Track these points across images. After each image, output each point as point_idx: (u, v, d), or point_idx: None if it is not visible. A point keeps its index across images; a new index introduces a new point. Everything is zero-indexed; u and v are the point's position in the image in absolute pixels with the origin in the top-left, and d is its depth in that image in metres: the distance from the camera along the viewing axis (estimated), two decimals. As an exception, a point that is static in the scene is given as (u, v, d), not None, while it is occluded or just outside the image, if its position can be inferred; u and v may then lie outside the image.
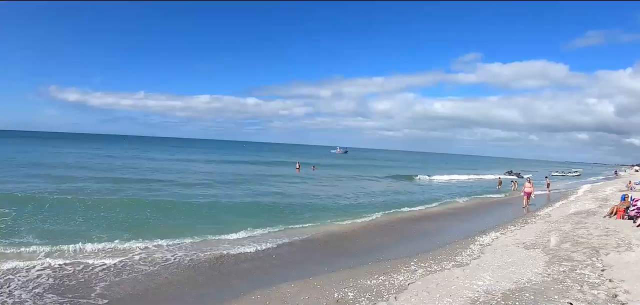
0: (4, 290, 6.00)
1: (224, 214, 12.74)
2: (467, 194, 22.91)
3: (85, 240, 8.44)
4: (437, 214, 15.30)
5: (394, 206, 16.02)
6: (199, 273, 7.21)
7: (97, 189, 16.57)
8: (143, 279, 6.80)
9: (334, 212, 13.92)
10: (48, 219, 10.47)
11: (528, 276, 6.25)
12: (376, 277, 6.43)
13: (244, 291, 6.15)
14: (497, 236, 9.81)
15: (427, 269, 6.83)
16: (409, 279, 6.29)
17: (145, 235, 9.21)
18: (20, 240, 8.45)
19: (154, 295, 6.12)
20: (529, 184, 17.94)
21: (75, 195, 14.03)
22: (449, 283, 6.07)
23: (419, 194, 22.27)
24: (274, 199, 16.81)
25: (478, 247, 8.60)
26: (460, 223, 13.41)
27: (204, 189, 18.79)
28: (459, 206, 18.03)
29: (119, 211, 12.02)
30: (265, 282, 6.55)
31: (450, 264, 7.12)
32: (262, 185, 21.85)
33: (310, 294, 5.89)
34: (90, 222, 10.54)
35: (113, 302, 5.80)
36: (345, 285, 6.10)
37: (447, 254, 8.04)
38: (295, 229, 10.95)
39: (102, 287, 6.37)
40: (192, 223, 11.10)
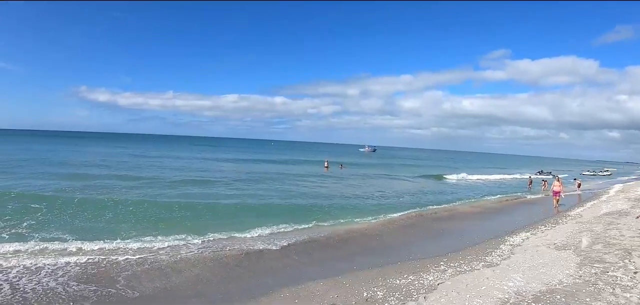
0: (34, 278, 6.97)
1: (251, 212, 14.00)
2: (496, 193, 24.40)
3: (113, 236, 9.63)
4: (465, 214, 16.28)
5: (422, 205, 17.41)
6: (225, 269, 7.93)
7: (124, 187, 18.49)
8: (170, 273, 7.55)
9: (361, 211, 15.13)
10: (76, 216, 11.93)
11: (559, 278, 6.76)
12: (405, 276, 7.01)
13: (272, 288, 6.78)
14: (528, 236, 10.39)
15: (457, 269, 7.40)
16: (439, 278, 6.86)
17: (172, 231, 10.33)
18: (49, 234, 9.64)
19: (182, 291, 6.77)
20: (557, 183, 18.83)
21: (102, 193, 15.88)
22: (478, 283, 6.61)
23: (447, 193, 23.60)
24: (302, 197, 18.37)
25: (508, 247, 9.18)
26: (490, 223, 14.28)
27: (230, 187, 20.57)
28: (488, 206, 19.07)
29: (146, 209, 13.39)
30: (293, 280, 7.20)
31: (480, 264, 7.69)
32: (290, 184, 23.76)
33: (339, 292, 6.47)
34: (118, 219, 11.88)
35: (140, 297, 6.45)
36: (374, 284, 6.68)
37: (476, 253, 8.65)
38: (323, 227, 12.04)
39: (126, 279, 7.13)
40: (219, 220, 12.22)
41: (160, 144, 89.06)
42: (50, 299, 6.36)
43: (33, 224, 10.65)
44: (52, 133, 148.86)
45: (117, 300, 6.42)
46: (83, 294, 6.57)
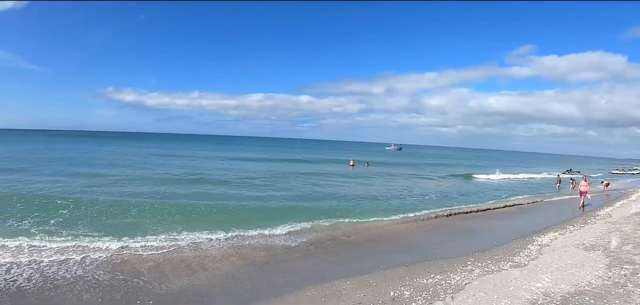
0: (63, 267, 8.26)
1: (277, 210, 15.28)
2: (523, 192, 26.08)
3: (138, 232, 10.91)
4: (493, 213, 17.43)
5: (449, 204, 18.85)
6: (251, 266, 8.67)
7: (149, 185, 20.67)
8: (196, 269, 8.36)
9: (388, 209, 16.35)
10: (102, 213, 13.44)
11: (588, 279, 7.35)
12: (432, 276, 7.64)
13: (298, 286, 7.45)
14: (556, 236, 11.01)
15: (484, 269, 8.03)
16: (466, 278, 7.48)
17: (197, 228, 11.52)
18: (76, 231, 10.99)
19: (208, 287, 7.50)
20: (584, 183, 19.64)
21: (127, 192, 17.75)
22: (506, 284, 7.22)
23: (474, 192, 25.36)
24: (328, 196, 20.02)
25: (536, 247, 9.82)
26: (517, 222, 15.16)
27: (255, 186, 22.55)
28: (515, 205, 20.11)
29: (171, 206, 14.83)
30: (319, 278, 7.90)
31: (507, 264, 8.32)
32: (316, 183, 25.81)
33: (366, 291, 7.12)
34: (143, 216, 13.25)
35: (168, 292, 7.16)
36: (401, 284, 7.32)
37: (504, 253, 9.32)
38: (349, 225, 13.06)
39: (152, 274, 7.96)
40: (244, 218, 13.40)
41: (186, 143, 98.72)
42: (80, 287, 7.28)
43: (60, 221, 12.12)
44: (80, 133, 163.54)
45: (145, 294, 7.11)
46: (112, 284, 7.38)
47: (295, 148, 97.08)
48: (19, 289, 7.27)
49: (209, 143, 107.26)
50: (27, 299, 6.91)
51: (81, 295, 7.11)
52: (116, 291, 7.25)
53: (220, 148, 76.69)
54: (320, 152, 79.41)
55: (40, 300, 6.88)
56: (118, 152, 49.12)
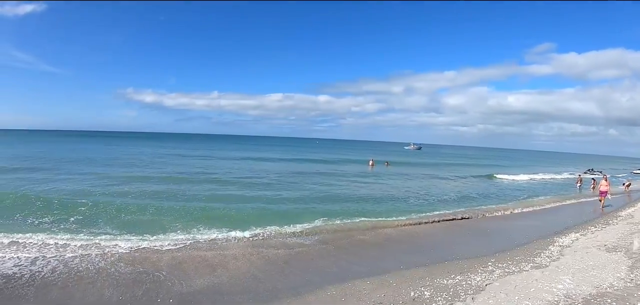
0: (86, 258, 9.34)
1: (296, 209, 16.23)
2: (544, 193, 27.32)
3: (157, 230, 11.88)
4: (513, 213, 18.15)
5: (469, 204, 19.93)
6: (271, 265, 9.24)
7: (168, 184, 22.21)
8: (216, 267, 8.96)
9: (407, 209, 17.55)
10: (122, 211, 14.55)
11: (610, 281, 7.79)
12: (453, 276, 8.12)
13: (318, 285, 7.95)
14: (577, 237, 11.46)
15: (505, 269, 8.50)
16: (487, 279, 7.94)
17: (217, 227, 12.44)
18: (96, 228, 12.09)
19: (228, 286, 8.03)
20: (604, 182, 20.11)
21: (147, 190, 19.24)
22: (527, 285, 7.67)
23: (494, 192, 26.46)
24: (347, 195, 21.16)
25: (557, 248, 10.30)
26: (538, 223, 15.86)
27: (274, 185, 23.95)
28: (536, 205, 20.92)
29: (189, 205, 16.06)
30: (339, 277, 8.42)
31: (528, 265, 8.79)
32: (335, 182, 27.24)
33: (386, 291, 7.59)
34: (162, 214, 14.38)
35: (188, 290, 7.70)
36: (421, 284, 7.80)
37: (525, 254, 9.83)
38: (369, 225, 13.81)
39: (172, 271, 8.50)
40: (263, 218, 14.26)
41: (206, 143, 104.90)
42: (102, 283, 7.94)
43: (80, 219, 13.27)
44: (100, 133, 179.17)
45: (166, 292, 7.64)
46: (133, 281, 8.00)
47: (314, 148, 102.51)
48: (44, 280, 7.87)
49: (228, 143, 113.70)
50: (52, 292, 7.44)
51: (103, 290, 7.68)
52: (137, 288, 7.80)
53: (239, 148, 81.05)
54: (339, 152, 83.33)
55: (63, 293, 7.41)
56: (137, 152, 52.66)
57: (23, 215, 13.49)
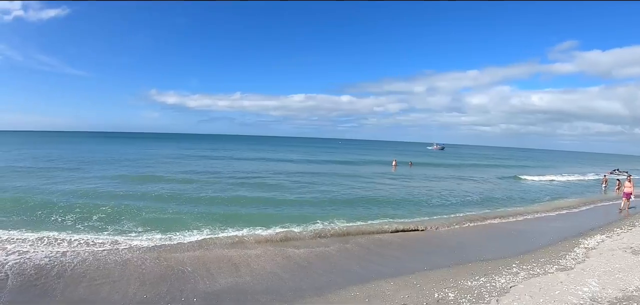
0: (113, 250, 10.64)
1: (319, 210, 17.22)
2: (568, 193, 28.62)
3: (180, 229, 12.82)
4: (538, 214, 18.78)
5: (493, 205, 21.04)
6: (294, 265, 9.85)
7: (189, 184, 23.84)
8: (239, 266, 9.61)
9: (431, 210, 18.46)
10: (145, 210, 15.78)
11: (636, 284, 8.23)
12: (477, 278, 8.61)
13: (342, 286, 8.50)
14: (603, 239, 11.92)
15: (530, 271, 8.99)
16: (511, 281, 8.42)
17: (240, 226, 13.36)
18: (120, 226, 13.27)
19: (252, 285, 8.62)
20: (629, 184, 20.59)
21: (168, 190, 20.89)
22: (552, 288, 8.13)
23: (517, 193, 27.56)
24: (370, 196, 22.16)
25: (582, 250, 10.76)
26: (563, 224, 16.49)
27: (297, 186, 25.23)
28: (561, 206, 21.62)
29: (213, 205, 17.32)
30: (362, 278, 8.98)
31: (553, 267, 9.26)
32: (358, 183, 28.59)
33: (410, 292, 8.10)
34: (185, 214, 15.35)
35: (212, 289, 8.27)
36: (445, 285, 8.29)
37: (549, 256, 10.33)
38: (392, 226, 14.44)
39: (196, 269, 9.16)
40: (286, 217, 15.23)
41: (228, 143, 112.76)
42: (126, 280, 8.64)
43: (104, 217, 14.49)
44: (124, 134, 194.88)
45: (190, 290, 8.22)
46: (157, 278, 8.59)
47: (337, 148, 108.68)
48: (71, 275, 8.54)
49: (250, 143, 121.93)
50: (79, 288, 8.05)
51: (128, 287, 8.33)
52: (162, 285, 8.42)
53: (262, 149, 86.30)
54: (361, 152, 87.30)
55: (90, 289, 8.01)
56: (160, 153, 56.97)
57: (51, 214, 14.67)
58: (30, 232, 11.94)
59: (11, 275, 8.81)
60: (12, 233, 11.75)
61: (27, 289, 8.23)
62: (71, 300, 7.88)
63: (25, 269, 9.11)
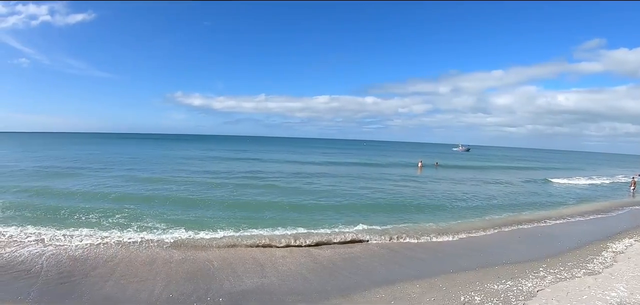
0: (140, 249, 11.65)
1: (344, 212, 18.13)
2: (596, 196, 29.51)
3: (205, 229, 13.59)
4: (565, 217, 19.32)
5: (518, 208, 21.59)
6: (319, 267, 10.46)
7: (215, 184, 25.53)
8: (266, 267, 10.25)
9: (457, 213, 19.48)
10: (172, 209, 17.28)
11: (665, 290, 8.63)
12: (503, 281, 9.12)
13: (367, 288, 9.07)
14: (631, 243, 12.41)
15: (557, 275, 9.49)
16: (538, 285, 8.93)
17: (265, 227, 14.07)
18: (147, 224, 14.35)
19: (278, 286, 9.20)
20: None
21: (194, 191, 22.31)
22: (580, 292, 8.62)
23: (544, 195, 28.47)
24: (395, 198, 23.35)
25: (610, 254, 11.25)
26: (590, 227, 17.00)
27: (323, 188, 26.50)
28: (588, 209, 22.11)
29: (238, 206, 18.26)
30: (388, 280, 9.55)
31: (580, 271, 9.76)
32: (383, 184, 29.95)
33: (436, 295, 8.63)
34: (210, 215, 16.29)
35: (239, 289, 8.88)
36: (471, 289, 8.81)
37: (577, 260, 10.84)
38: (417, 228, 15.20)
39: (220, 269, 9.91)
40: (311, 219, 16.07)
41: (253, 145, 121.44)
42: (153, 277, 9.16)
43: (130, 216, 15.58)
44: (151, 136, 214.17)
45: (216, 290, 8.81)
46: (183, 277, 9.15)
47: (362, 149, 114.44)
48: (99, 271, 9.15)
49: (275, 145, 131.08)
50: (106, 286, 8.67)
51: (154, 285, 8.98)
52: (188, 285, 9.06)
53: (287, 150, 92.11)
54: (386, 154, 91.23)
55: (117, 287, 8.62)
56: (186, 154, 60.75)
57: (80, 211, 15.97)
58: (64, 228, 13.18)
59: (46, 267, 9.91)
60: (46, 229, 13.03)
61: (57, 284, 8.93)
62: (99, 297, 8.51)
63: (58, 264, 10.15)
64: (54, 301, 8.29)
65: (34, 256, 10.73)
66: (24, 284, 8.99)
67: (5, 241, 11.99)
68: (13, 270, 9.75)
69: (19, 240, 12.04)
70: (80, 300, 8.38)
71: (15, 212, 15.57)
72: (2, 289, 8.76)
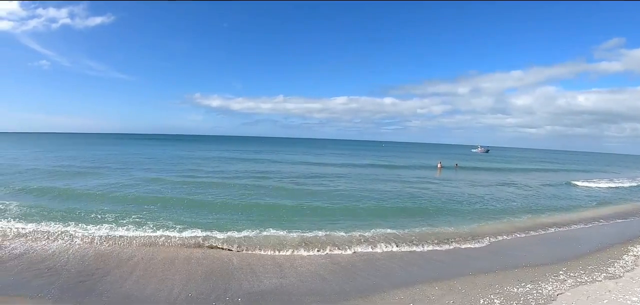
0: (160, 248, 12.42)
1: (362, 213, 18.89)
2: (617, 198, 29.84)
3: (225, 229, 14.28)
4: (584, 220, 19.79)
5: (539, 210, 22.19)
6: (339, 268, 10.93)
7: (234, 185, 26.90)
8: (284, 267, 10.76)
9: (476, 215, 19.82)
10: (188, 209, 18.23)
11: (687, 295, 8.96)
12: (523, 284, 9.51)
13: (386, 289, 9.49)
14: None
15: (577, 279, 9.87)
16: (558, 289, 9.30)
17: (282, 227, 14.80)
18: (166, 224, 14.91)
19: (297, 287, 9.69)
20: None
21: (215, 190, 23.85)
22: (600, 296, 8.99)
23: (564, 197, 29.19)
24: (414, 200, 23.96)
25: (632, 258, 11.63)
26: (612, 230, 17.49)
27: (342, 189, 27.48)
28: (609, 213, 22.50)
29: (257, 206, 19.35)
30: (406, 281, 10.01)
31: (601, 275, 10.14)
32: (402, 186, 30.87)
33: (454, 298, 9.03)
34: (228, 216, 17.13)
35: (258, 289, 9.34)
36: (490, 291, 9.20)
37: (597, 263, 11.23)
38: (436, 230, 15.85)
39: (239, 268, 10.48)
40: (330, 220, 16.80)
41: (272, 146, 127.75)
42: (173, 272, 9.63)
43: (150, 214, 16.49)
44: (170, 137, 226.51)
45: (235, 290, 9.29)
46: (202, 276, 9.63)
47: (381, 151, 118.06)
48: (119, 269, 9.66)
49: (293, 146, 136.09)
50: (126, 284, 9.16)
51: (174, 284, 9.47)
52: (206, 284, 9.60)
53: (305, 151, 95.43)
54: (405, 155, 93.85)
55: (138, 285, 9.10)
56: (204, 155, 63.31)
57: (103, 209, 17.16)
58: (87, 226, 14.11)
59: (68, 265, 10.67)
60: (70, 227, 13.99)
61: (77, 282, 9.48)
62: (118, 295, 9.01)
63: (81, 261, 10.93)
64: (74, 298, 8.78)
65: (58, 253, 11.54)
66: (44, 282, 9.53)
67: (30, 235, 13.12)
68: (37, 267, 10.41)
69: (45, 236, 12.99)
70: (100, 298, 8.87)
71: (41, 210, 16.56)
72: (25, 284, 9.32)
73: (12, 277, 9.81)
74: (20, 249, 11.92)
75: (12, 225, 14.13)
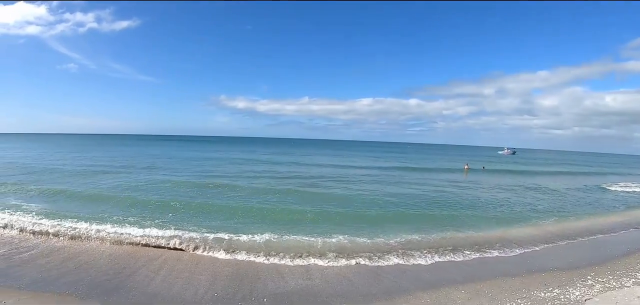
0: (186, 248, 13.33)
1: (388, 217, 20.31)
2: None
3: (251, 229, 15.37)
4: (613, 225, 20.27)
5: (566, 213, 23.15)
6: (364, 270, 11.63)
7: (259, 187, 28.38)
8: (311, 269, 11.46)
9: (503, 218, 20.75)
10: (213, 210, 19.51)
11: None
12: (550, 289, 10.04)
13: (411, 292, 10.11)
14: None
15: (605, 284, 10.38)
16: (586, 294, 9.81)
17: (307, 230, 15.82)
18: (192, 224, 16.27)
19: (323, 289, 10.37)
20: None
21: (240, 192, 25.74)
22: (629, 302, 9.52)
23: (592, 201, 30.06)
24: (440, 203, 24.93)
25: None
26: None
27: (367, 193, 28.48)
28: (637, 217, 22.93)
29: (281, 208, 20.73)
30: (432, 285, 10.59)
31: (630, 280, 10.63)
32: (428, 189, 32.06)
33: (481, 301, 9.62)
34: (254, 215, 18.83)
35: (285, 290, 10.03)
36: (517, 296, 9.75)
37: (626, 268, 11.73)
38: (462, 233, 16.65)
39: (266, 269, 11.06)
40: (356, 224, 17.61)
41: (297, 147, 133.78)
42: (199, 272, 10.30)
43: (176, 215, 17.99)
44: (196, 138, 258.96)
45: (261, 290, 9.93)
46: (228, 276, 10.27)
47: (406, 153, 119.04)
48: (145, 270, 10.32)
49: (319, 148, 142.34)
50: (153, 283, 9.84)
51: (199, 284, 10.20)
52: (232, 284, 10.31)
53: (330, 153, 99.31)
54: (431, 157, 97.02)
55: (164, 285, 9.76)
56: (230, 156, 67.58)
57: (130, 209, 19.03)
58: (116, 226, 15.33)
59: (98, 263, 11.61)
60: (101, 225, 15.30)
61: (105, 280, 10.27)
62: (145, 294, 9.72)
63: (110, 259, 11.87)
64: (101, 296, 9.53)
65: (86, 251, 12.69)
66: (72, 279, 10.34)
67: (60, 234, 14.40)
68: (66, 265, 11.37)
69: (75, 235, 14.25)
70: (127, 296, 9.59)
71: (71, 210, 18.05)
72: (54, 281, 10.12)
73: (42, 274, 10.66)
74: (50, 247, 13.03)
75: (43, 223, 15.37)
